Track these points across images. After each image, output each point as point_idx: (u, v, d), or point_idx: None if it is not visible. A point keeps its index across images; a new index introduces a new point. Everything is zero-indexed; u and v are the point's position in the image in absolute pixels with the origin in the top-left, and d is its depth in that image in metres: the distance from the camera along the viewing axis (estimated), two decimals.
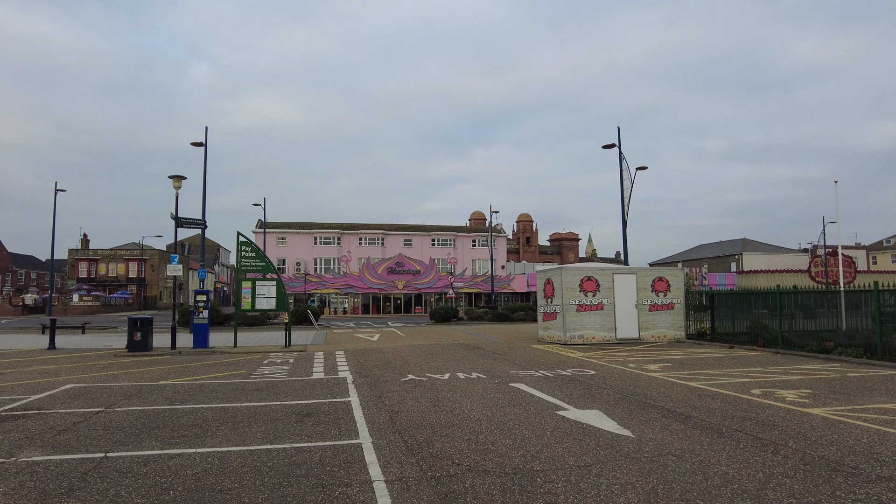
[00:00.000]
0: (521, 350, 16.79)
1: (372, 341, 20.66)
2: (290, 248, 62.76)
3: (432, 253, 64.32)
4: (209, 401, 8.88)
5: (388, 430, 6.83)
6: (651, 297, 19.61)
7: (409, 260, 59.52)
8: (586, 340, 18.64)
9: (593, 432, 6.64)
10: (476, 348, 17.39)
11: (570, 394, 9.25)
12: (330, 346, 18.83)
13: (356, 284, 58.26)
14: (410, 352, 16.44)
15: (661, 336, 19.51)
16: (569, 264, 18.77)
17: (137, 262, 73.55)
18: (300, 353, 16.28)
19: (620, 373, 11.78)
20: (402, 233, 65.32)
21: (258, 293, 18.05)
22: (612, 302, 19.08)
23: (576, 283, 18.82)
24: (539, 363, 13.47)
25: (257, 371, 12.54)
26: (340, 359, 14.74)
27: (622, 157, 34.01)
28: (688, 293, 20.65)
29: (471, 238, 66.69)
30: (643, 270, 19.90)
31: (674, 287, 19.97)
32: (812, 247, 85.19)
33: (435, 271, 59.74)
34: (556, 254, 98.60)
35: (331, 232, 63.27)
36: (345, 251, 62.63)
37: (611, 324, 18.97)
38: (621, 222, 33.65)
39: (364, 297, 59.54)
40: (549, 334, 19.53)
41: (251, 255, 18.08)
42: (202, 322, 17.65)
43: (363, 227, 64.99)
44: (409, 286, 58.97)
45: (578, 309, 18.71)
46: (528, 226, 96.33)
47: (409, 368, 12.59)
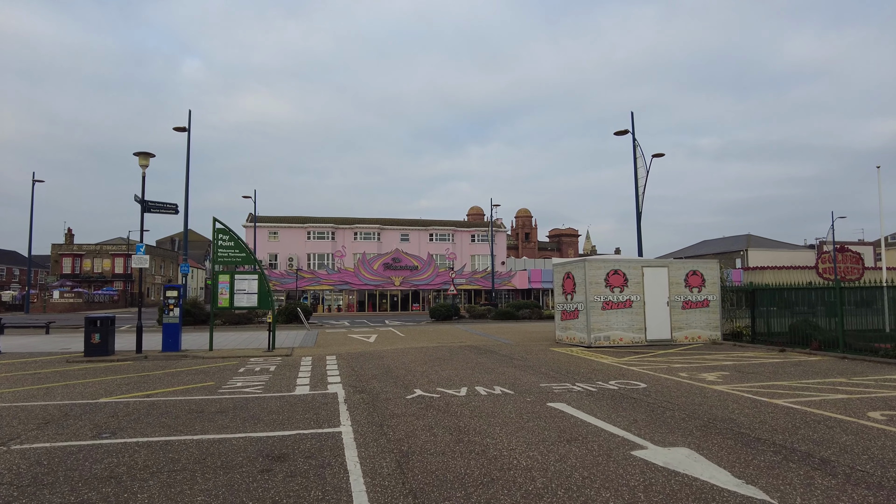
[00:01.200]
0: (541, 354, 14.51)
1: (368, 343, 18.33)
2: (282, 242, 60.32)
3: (430, 248, 61.96)
4: (152, 431, 6.55)
5: (397, 491, 4.53)
6: (684, 293, 17.36)
7: (406, 255, 57.14)
8: (613, 342, 16.38)
9: (707, 492, 4.36)
10: (488, 352, 15.10)
11: (633, 419, 6.98)
12: (320, 349, 16.49)
13: (351, 281, 55.87)
14: (414, 357, 14.13)
15: (696, 337, 17.28)
16: (593, 256, 16.37)
17: (124, 257, 70.84)
18: (284, 359, 13.94)
19: (676, 385, 9.51)
20: (398, 227, 62.92)
21: (237, 289, 15.68)
22: (642, 299, 16.83)
23: (601, 277, 16.55)
24: (570, 372, 11.19)
25: (229, 382, 10.21)
26: (331, 366, 12.41)
27: (636, 144, 31.88)
28: (723, 289, 18.41)
29: (470, 233, 64.37)
30: (675, 263, 17.66)
31: (709, 282, 17.73)
32: (819, 243, 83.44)
33: (433, 267, 57.39)
34: (556, 250, 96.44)
35: (324, 226, 60.83)
36: (339, 246, 60.18)
37: (640, 323, 16.72)
38: (635, 214, 31.49)
39: (359, 294, 57.16)
40: (570, 335, 17.26)
41: (229, 244, 15.71)
42: (172, 321, 15.29)
43: (358, 222, 62.56)
44: (406, 282, 56.61)
45: (604, 307, 16.44)
46: (527, 221, 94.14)
47: (414, 380, 10.28)
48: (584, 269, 16.48)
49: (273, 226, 60.73)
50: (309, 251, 60.48)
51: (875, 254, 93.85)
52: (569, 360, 13.29)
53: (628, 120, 28.78)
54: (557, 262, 17.94)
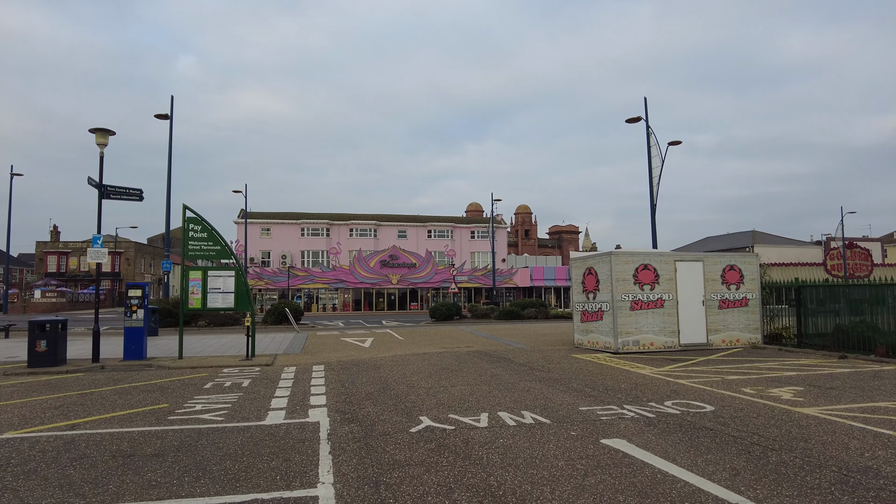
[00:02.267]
0: (564, 362, 12.45)
1: (363, 348, 16.23)
2: (274, 239, 58.18)
3: (429, 245, 59.89)
4: (43, 495, 4.45)
5: None
6: (721, 291, 15.33)
7: (403, 252, 55.05)
8: (643, 347, 14.34)
9: None
10: (502, 360, 13.03)
11: (731, 468, 4.92)
12: (308, 356, 14.39)
13: (346, 279, 53.76)
14: (416, 366, 12.04)
15: (734, 340, 15.26)
16: (621, 249, 14.35)
17: (112, 255, 68.55)
18: (264, 370, 11.84)
19: (750, 407, 7.45)
20: (395, 224, 60.82)
21: (212, 287, 13.57)
22: (675, 297, 14.78)
23: (629, 272, 14.49)
24: (610, 388, 9.13)
25: (188, 403, 8.13)
26: (317, 379, 10.31)
27: (650, 132, 29.94)
28: (765, 285, 16.37)
29: (469, 229, 62.29)
30: (711, 257, 15.62)
31: (747, 278, 15.70)
32: (826, 239, 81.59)
33: (432, 264, 55.31)
34: (556, 247, 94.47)
35: (319, 223, 58.69)
36: (334, 243, 58.05)
37: (672, 325, 14.68)
38: (650, 206, 29.53)
39: (355, 293, 55.06)
40: (592, 339, 15.20)
41: (201, 236, 13.59)
42: (135, 325, 13.18)
43: (354, 218, 60.44)
44: (403, 280, 54.53)
45: (632, 307, 14.39)
46: (526, 218, 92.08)
47: (419, 400, 8.19)
48: (611, 263, 14.41)
49: (265, 222, 58.58)
50: (303, 248, 58.37)
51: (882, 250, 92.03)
52: (600, 370, 11.23)
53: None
54: (577, 256, 15.88)
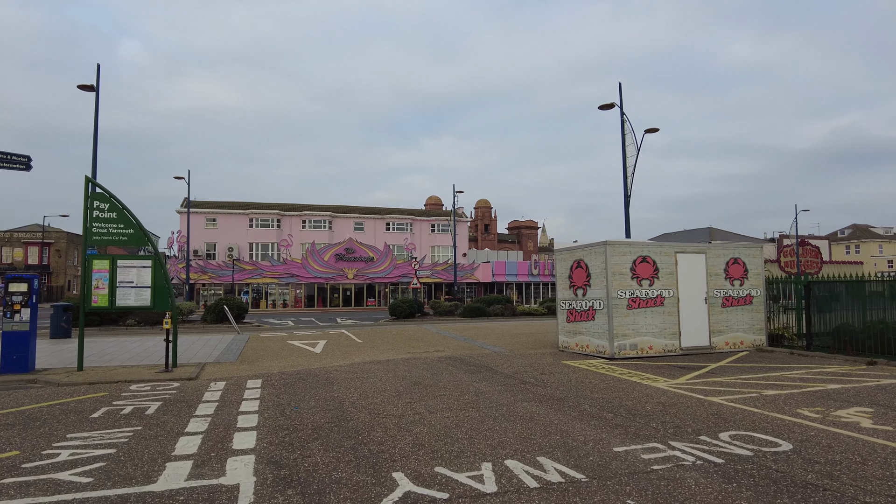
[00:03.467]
0: (559, 373, 10.35)
1: (313, 354, 13.75)
2: (220, 230, 54.41)
3: (387, 238, 57.26)
4: None
5: None
6: (724, 287, 13.59)
7: (360, 245, 52.27)
8: (641, 352, 12.42)
9: None
10: (484, 369, 10.82)
11: None
12: (244, 365, 11.81)
13: (298, 273, 50.62)
14: (379, 380, 9.70)
15: (738, 342, 13.55)
16: (617, 239, 12.33)
17: (39, 245, 63.03)
18: (184, 385, 9.26)
19: (841, 445, 5.48)
20: (352, 215, 57.91)
21: (122, 280, 10.84)
22: (675, 294, 12.93)
23: (626, 265, 12.54)
24: (635, 412, 7.04)
25: (50, 449, 5.58)
26: (249, 403, 7.84)
27: (624, 119, 28.32)
28: (769, 281, 14.74)
29: (429, 222, 59.99)
30: (714, 248, 13.85)
31: (752, 273, 14.02)
32: (779, 236, 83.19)
33: (390, 259, 52.73)
34: (515, 242, 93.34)
35: (269, 213, 55.22)
36: (285, 235, 54.71)
37: (673, 326, 12.82)
38: (623, 197, 27.99)
39: (308, 288, 51.96)
40: (581, 342, 13.19)
41: (109, 215, 10.83)
42: (20, 329, 10.34)
43: (307, 209, 57.19)
44: (360, 275, 51.76)
45: (630, 305, 12.45)
46: (486, 212, 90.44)
47: (389, 441, 5.86)
48: (605, 255, 12.41)
49: (211, 212, 54.72)
50: (251, 240, 54.85)
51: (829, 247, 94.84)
52: (605, 383, 9.17)
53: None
54: (562, 247, 13.82)
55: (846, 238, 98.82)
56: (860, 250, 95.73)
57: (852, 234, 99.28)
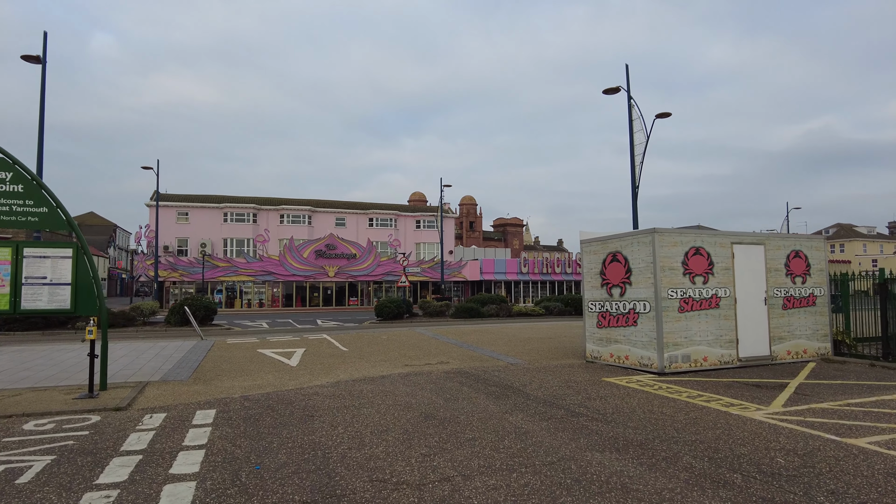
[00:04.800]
0: (609, 396, 7.95)
1: (287, 368, 11.17)
2: (193, 225, 51.22)
3: (370, 234, 54.55)
4: None
5: None
6: (785, 285, 11.36)
7: (341, 241, 49.45)
8: (695, 364, 10.10)
9: None
10: (512, 392, 8.37)
11: None
12: (197, 385, 9.20)
13: (276, 271, 47.68)
14: (377, 411, 7.19)
15: (801, 351, 11.32)
16: (666, 228, 9.87)
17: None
18: (103, 420, 6.65)
19: None
20: (333, 210, 55.08)
21: (29, 275, 8.16)
22: (732, 294, 10.65)
23: (677, 258, 10.21)
24: (778, 473, 4.65)
25: None
26: (188, 456, 5.27)
27: (632, 103, 26.27)
28: (834, 279, 12.56)
29: (415, 218, 57.41)
30: (773, 239, 11.58)
31: (814, 269, 11.82)
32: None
33: (374, 255, 50.03)
34: (501, 240, 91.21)
35: (245, 207, 52.15)
36: (262, 230, 51.70)
37: (730, 333, 10.53)
38: (631, 187, 25.91)
39: (286, 287, 49.04)
40: (618, 352, 10.82)
41: (12, 187, 8.14)
42: None
43: (286, 203, 54.21)
44: (341, 273, 48.98)
45: (682, 307, 10.12)
46: (471, 209, 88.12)
47: None
48: (653, 245, 10.05)
49: (183, 205, 51.50)
50: (226, 235, 51.76)
51: None
52: (684, 413, 6.80)
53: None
54: (590, 237, 11.40)
55: (831, 237, 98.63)
56: (845, 249, 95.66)
57: (837, 234, 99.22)
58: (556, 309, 29.82)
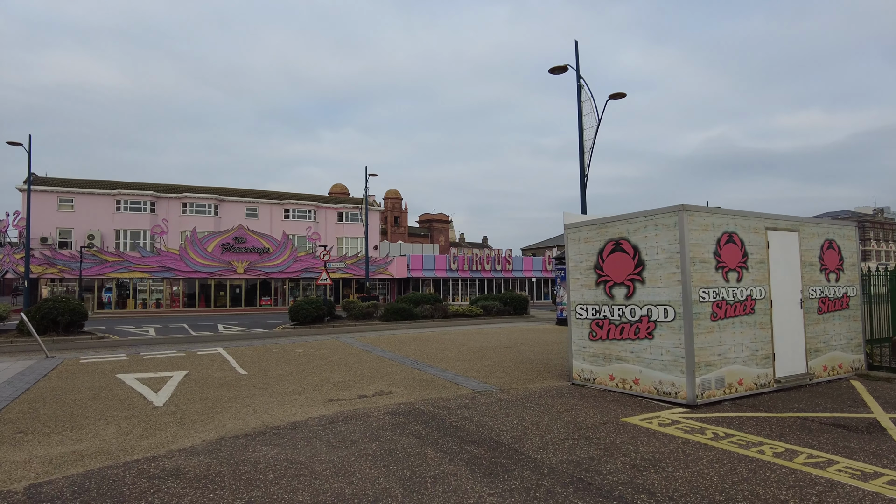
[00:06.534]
0: (674, 464, 5.01)
1: (146, 411, 7.47)
2: (78, 214, 44.58)
3: (286, 227, 49.84)
4: None
5: None
6: (820, 283, 9.02)
7: (253, 234, 44.53)
8: (729, 390, 7.45)
9: None
10: (506, 455, 5.23)
11: None
12: None
13: (175, 266, 42.12)
14: None
15: (836, 366, 9.03)
16: (691, 204, 7.02)
17: None
18: None
19: None
20: (243, 200, 49.90)
21: None
22: (767, 294, 8.11)
23: (709, 245, 7.50)
24: None
25: None
26: None
27: (581, 83, 23.93)
28: (869, 275, 10.42)
29: (336, 210, 53.23)
30: (808, 225, 9.15)
31: (847, 263, 9.59)
32: None
33: (290, 250, 45.45)
34: (427, 236, 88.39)
35: (142, 194, 46.03)
36: (160, 221, 45.79)
37: (766, 345, 7.98)
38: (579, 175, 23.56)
39: (188, 285, 43.54)
40: (622, 374, 7.97)
41: None
42: None
43: (189, 190, 48.47)
44: (252, 269, 44.09)
45: (715, 313, 7.41)
46: (396, 204, 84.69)
47: None
48: (681, 228, 7.25)
49: (67, 191, 44.72)
50: (118, 226, 45.48)
51: None
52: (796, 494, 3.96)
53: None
54: (576, 220, 8.41)
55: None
56: None
57: None
58: (494, 308, 27.16)
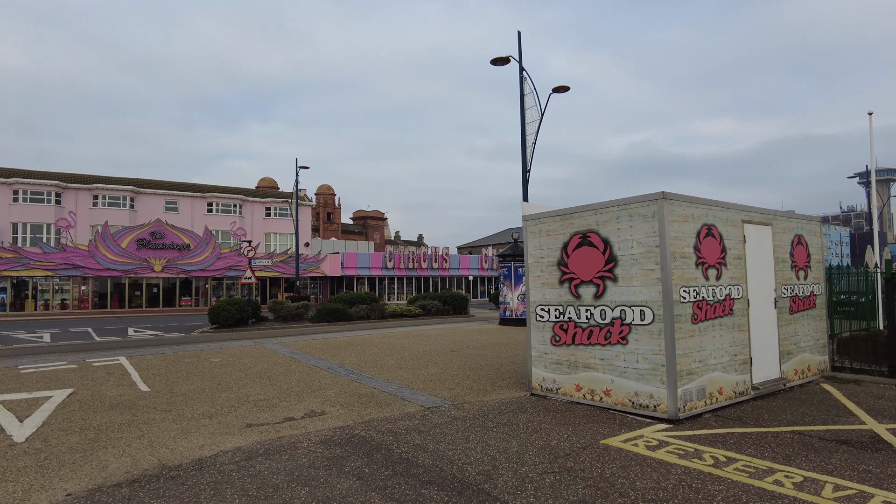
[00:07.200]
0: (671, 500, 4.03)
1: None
2: None
3: (209, 222, 46.70)
4: None
5: None
6: (791, 281, 8.47)
7: (171, 229, 41.29)
8: (710, 401, 6.66)
9: None
10: (477, 501, 4.09)
11: None
12: None
13: (84, 264, 38.39)
14: None
15: (805, 369, 8.51)
16: (673, 192, 6.15)
17: None
18: None
19: None
20: (162, 192, 46.33)
21: None
22: (745, 293, 7.40)
23: (689, 239, 6.67)
24: None
25: None
26: None
27: (524, 75, 23.46)
28: (831, 271, 10.00)
29: (264, 204, 50.49)
30: (779, 219, 8.52)
31: (814, 260, 9.11)
32: None
33: (213, 246, 42.51)
34: (361, 233, 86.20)
35: (44, 184, 41.70)
36: (66, 213, 41.71)
37: (743, 349, 7.27)
38: (522, 172, 22.97)
39: (99, 284, 39.83)
40: (590, 384, 7.02)
41: None
42: None
43: (101, 181, 44.47)
44: (171, 267, 40.88)
45: (695, 314, 6.59)
46: (329, 199, 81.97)
47: None
48: (661, 218, 6.36)
49: None
50: (16, 219, 41.00)
51: None
52: None
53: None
54: (538, 210, 7.25)
55: None
56: None
57: None
58: (434, 308, 26.07)
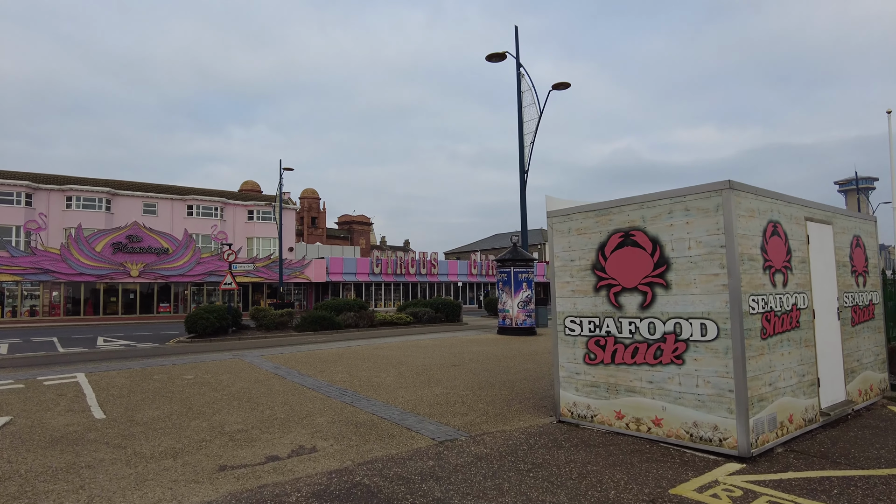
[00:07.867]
0: None
1: None
2: None
3: (189, 225, 45.05)
4: None
5: None
6: (852, 289, 7.42)
7: (149, 233, 39.61)
8: (781, 431, 5.55)
9: None
10: None
11: None
12: None
13: (56, 268, 36.56)
14: None
15: (868, 388, 7.45)
16: (738, 182, 5.02)
17: None
18: None
19: None
20: (140, 194, 44.62)
21: None
22: (809, 301, 6.32)
23: (756, 237, 5.58)
24: None
25: None
26: None
27: (521, 72, 22.58)
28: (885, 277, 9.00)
29: (247, 208, 48.96)
30: (839, 217, 7.49)
31: (871, 264, 8.09)
32: None
33: (192, 251, 40.88)
34: (346, 238, 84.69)
35: (13, 184, 39.83)
36: (36, 215, 39.86)
37: (811, 368, 6.18)
38: (519, 173, 22.17)
39: (72, 290, 37.98)
40: (635, 410, 5.88)
41: None
42: None
43: (75, 182, 42.66)
44: (149, 272, 39.17)
45: (764, 328, 5.49)
46: (314, 203, 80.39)
47: None
48: (727, 213, 5.25)
49: None
50: None
51: None
52: None
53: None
54: (566, 205, 6.04)
55: None
56: None
57: None
58: (425, 316, 24.86)
